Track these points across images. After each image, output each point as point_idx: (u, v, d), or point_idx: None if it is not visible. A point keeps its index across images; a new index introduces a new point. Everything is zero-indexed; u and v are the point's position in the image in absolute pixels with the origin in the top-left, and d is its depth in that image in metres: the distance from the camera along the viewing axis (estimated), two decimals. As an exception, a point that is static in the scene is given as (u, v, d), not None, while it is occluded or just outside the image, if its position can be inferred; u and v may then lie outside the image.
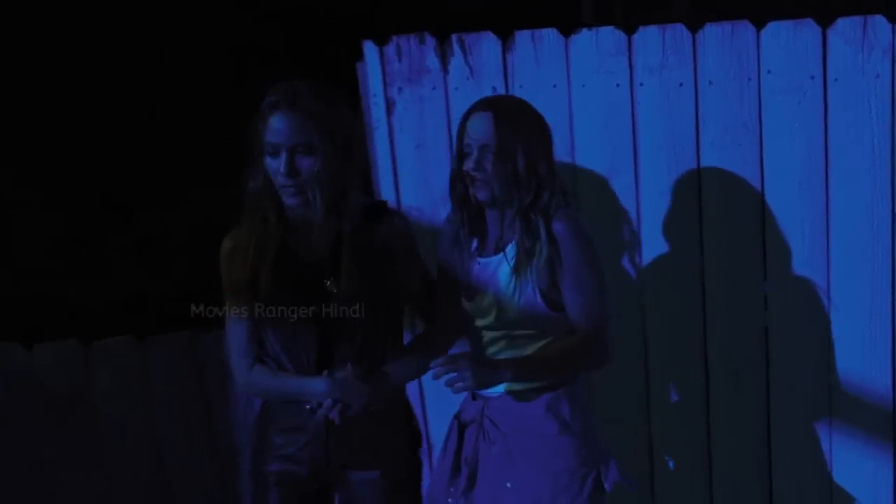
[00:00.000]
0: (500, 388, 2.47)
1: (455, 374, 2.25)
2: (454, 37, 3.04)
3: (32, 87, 10.54)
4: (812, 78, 2.93)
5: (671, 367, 3.12)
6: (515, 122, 2.40)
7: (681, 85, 3.00)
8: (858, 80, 2.91)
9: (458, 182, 2.46)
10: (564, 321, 2.44)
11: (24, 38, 10.68)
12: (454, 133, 2.80)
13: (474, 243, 2.52)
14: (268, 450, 2.60)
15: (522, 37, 3.03)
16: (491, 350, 2.50)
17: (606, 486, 2.46)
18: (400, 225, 2.60)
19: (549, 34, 3.02)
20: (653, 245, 3.08)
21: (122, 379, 3.29)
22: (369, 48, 3.06)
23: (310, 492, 2.62)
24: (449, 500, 2.58)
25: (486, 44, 3.04)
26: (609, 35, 2.99)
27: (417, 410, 2.88)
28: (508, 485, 2.47)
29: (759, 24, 2.95)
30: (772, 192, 3.00)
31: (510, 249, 2.43)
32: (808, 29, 2.92)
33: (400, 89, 3.06)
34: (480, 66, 3.04)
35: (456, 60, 3.04)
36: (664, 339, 3.11)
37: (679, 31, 2.97)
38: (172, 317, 3.49)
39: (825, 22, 2.92)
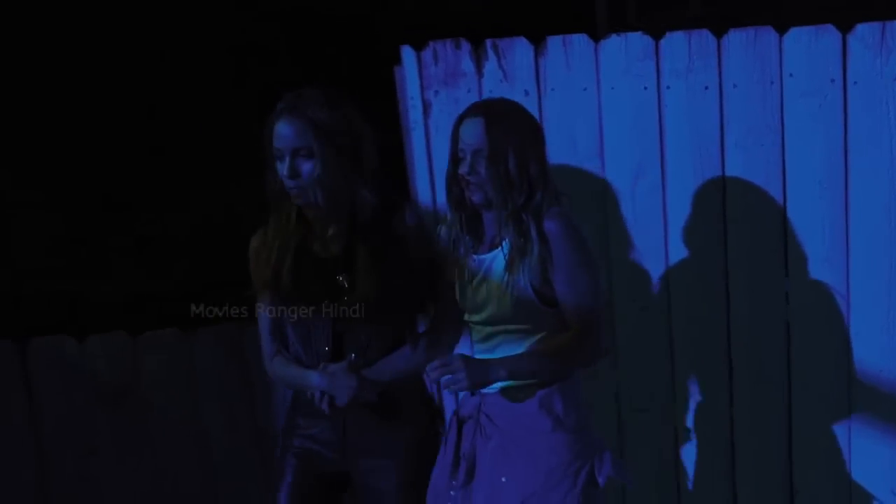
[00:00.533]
0: (496, 385, 2.52)
1: (450, 376, 2.37)
2: (489, 42, 3.14)
3: (33, 87, 10.51)
4: (832, 81, 3.04)
5: (696, 360, 3.23)
6: (506, 125, 2.46)
7: (706, 88, 3.10)
8: (877, 83, 3.02)
9: (454, 185, 2.54)
10: (558, 317, 2.49)
11: (24, 39, 10.65)
12: (487, 133, 2.92)
13: (470, 243, 2.59)
14: (294, 429, 2.77)
15: (554, 42, 3.12)
16: (487, 345, 2.56)
17: (600, 480, 2.52)
18: (412, 220, 2.71)
19: (580, 39, 3.12)
20: (679, 242, 3.17)
21: (169, 369, 3.40)
22: (407, 53, 3.16)
23: (327, 472, 2.76)
24: (451, 492, 2.64)
25: (519, 49, 3.13)
26: (637, 40, 3.10)
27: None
28: (503, 479, 2.51)
29: (782, 30, 3.06)
30: (793, 192, 3.11)
31: (504, 248, 2.50)
32: (828, 34, 3.03)
33: (436, 92, 3.16)
34: (513, 69, 3.14)
35: (490, 64, 3.14)
36: (690, 333, 3.21)
37: (704, 36, 3.08)
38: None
39: (845, 27, 3.02)
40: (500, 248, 2.51)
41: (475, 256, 2.57)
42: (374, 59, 10.94)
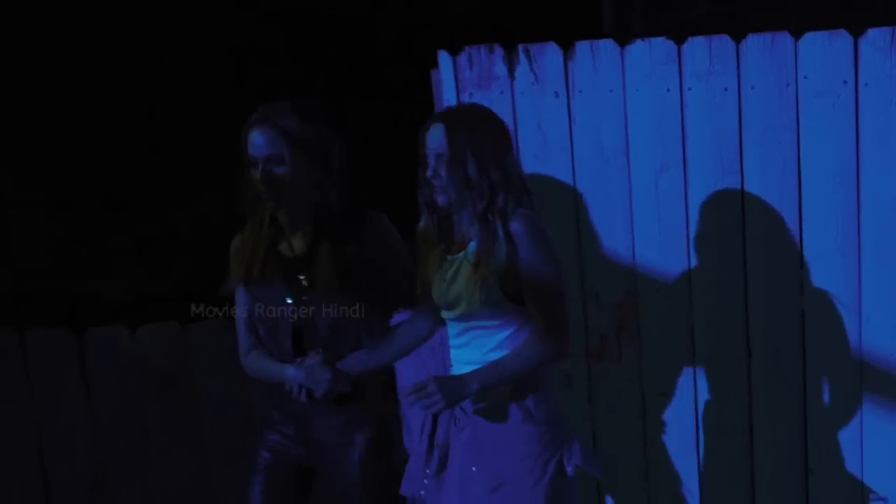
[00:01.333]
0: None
1: (426, 399, 2.52)
2: (521, 47, 3.31)
3: (33, 87, 10.51)
4: (845, 83, 3.23)
5: (716, 346, 3.40)
6: (466, 131, 2.57)
7: (725, 89, 3.28)
8: (887, 85, 3.21)
9: (424, 188, 2.65)
10: (525, 313, 2.60)
11: (24, 39, 10.65)
12: (519, 134, 3.16)
13: (442, 243, 2.71)
14: (269, 422, 3.01)
15: (582, 46, 3.30)
16: (460, 339, 2.69)
17: (568, 470, 2.61)
18: (378, 225, 2.93)
19: (606, 45, 3.29)
20: (700, 234, 3.35)
21: (218, 359, 3.56)
22: (443, 57, 3.32)
23: (297, 465, 3.00)
24: (424, 480, 2.74)
25: (550, 53, 3.31)
26: (660, 45, 3.28)
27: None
28: (474, 468, 2.62)
29: (797, 35, 3.24)
30: (808, 187, 3.29)
31: (471, 248, 2.61)
32: (841, 38, 3.22)
33: (471, 94, 3.32)
34: (544, 73, 3.31)
35: (521, 68, 3.31)
36: (710, 321, 3.39)
37: (724, 40, 3.26)
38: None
39: (857, 32, 3.21)
40: (469, 248, 2.63)
41: (447, 257, 2.68)
42: (374, 59, 11.05)
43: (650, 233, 3.35)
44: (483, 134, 2.59)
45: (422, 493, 2.75)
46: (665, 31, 3.43)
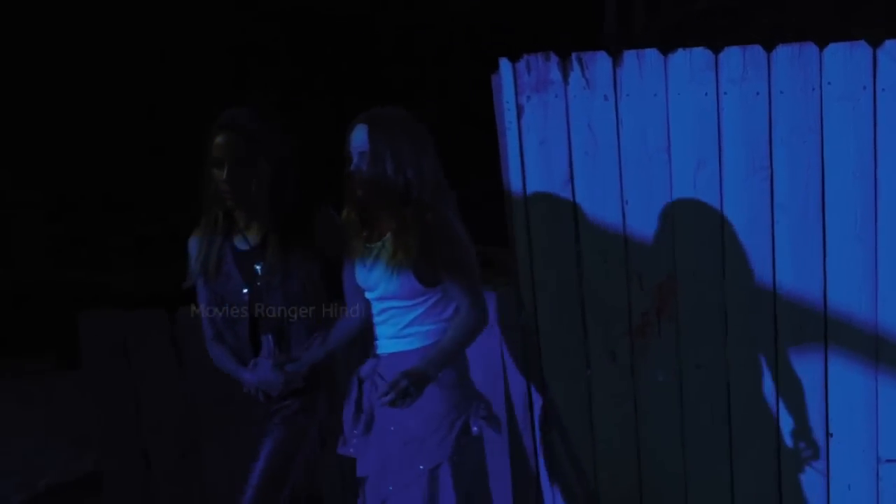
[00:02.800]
0: (389, 349, 3.01)
1: (392, 395, 2.75)
2: (574, 55, 3.67)
3: (33, 87, 10.56)
4: (864, 88, 3.59)
5: (746, 325, 3.76)
6: (386, 132, 2.84)
7: (757, 94, 3.64)
8: (902, 91, 3.59)
9: (348, 182, 2.91)
10: (436, 293, 2.93)
11: (24, 39, 10.69)
12: (572, 133, 3.53)
13: (365, 232, 3.00)
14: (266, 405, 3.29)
15: (629, 55, 3.66)
16: (381, 317, 3.01)
17: (473, 429, 2.94)
18: (328, 218, 3.23)
19: (651, 54, 3.66)
20: (733, 222, 3.71)
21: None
22: (504, 64, 3.68)
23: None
24: (354, 440, 3.05)
25: (600, 61, 3.67)
26: (700, 54, 3.65)
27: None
28: (392, 428, 2.93)
29: (822, 46, 3.62)
30: (830, 181, 3.65)
31: (388, 238, 2.92)
32: (861, 49, 3.60)
33: (528, 97, 3.69)
34: (595, 78, 3.68)
35: (574, 74, 3.68)
36: (741, 300, 3.75)
37: (757, 50, 3.64)
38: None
39: (875, 43, 3.59)
40: (387, 238, 2.93)
41: (368, 245, 2.98)
42: (375, 59, 11.28)
43: (688, 221, 3.71)
44: (402, 135, 2.87)
45: (351, 450, 3.07)
46: (667, 26, 3.73)
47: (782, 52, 3.61)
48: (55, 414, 6.41)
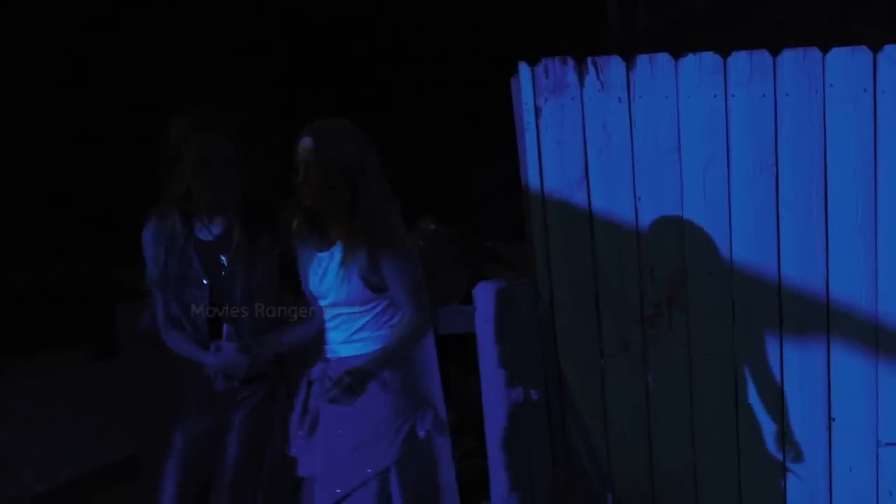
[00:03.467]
0: (339, 353, 3.08)
1: (336, 391, 2.83)
2: (589, 59, 3.85)
3: (33, 87, 10.62)
4: (865, 90, 3.77)
5: (752, 314, 3.94)
6: (331, 144, 2.94)
7: (763, 96, 3.82)
8: (901, 93, 3.78)
9: (297, 192, 2.99)
10: (384, 299, 3.02)
11: (24, 38, 10.74)
12: (587, 133, 3.70)
13: (314, 241, 3.07)
14: (188, 401, 3.36)
15: (642, 59, 3.83)
16: (332, 322, 3.09)
17: (420, 433, 3.02)
18: (288, 220, 3.18)
19: (663, 58, 3.83)
20: (740, 220, 3.89)
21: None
22: (523, 68, 3.85)
23: (206, 434, 3.28)
24: (299, 441, 3.11)
25: (614, 65, 3.85)
26: (709, 58, 3.83)
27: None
28: (339, 431, 3.00)
29: (821, 45, 3.80)
30: (833, 178, 3.82)
31: (336, 246, 3.01)
32: (861, 53, 3.78)
33: (546, 99, 3.87)
34: (609, 81, 3.86)
35: (590, 77, 3.86)
36: (748, 292, 3.93)
37: (763, 55, 3.82)
38: None
39: (875, 48, 3.77)
40: (336, 246, 3.02)
41: (318, 254, 3.06)
42: (374, 59, 11.38)
43: (698, 217, 3.90)
44: (347, 145, 2.96)
45: (293, 450, 3.13)
46: (668, 24, 3.85)
47: (787, 56, 3.79)
48: (79, 404, 6.57)
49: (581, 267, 3.92)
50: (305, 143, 2.95)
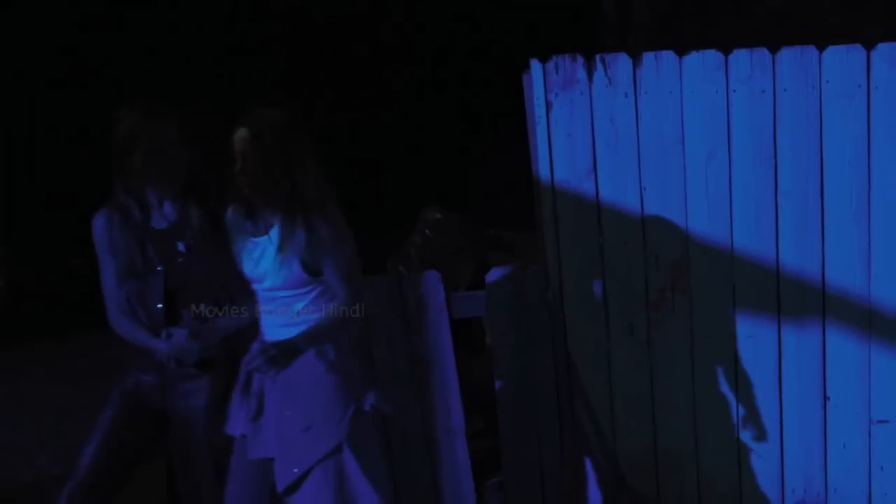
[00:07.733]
0: (277, 336, 3.06)
1: (260, 361, 2.90)
2: (597, 56, 4.04)
3: (33, 87, 10.57)
4: (859, 86, 3.96)
5: (752, 298, 4.14)
6: (267, 135, 2.96)
7: (763, 91, 4.01)
8: (893, 89, 3.96)
9: (234, 181, 3.01)
10: (321, 284, 3.05)
11: (24, 38, 10.67)
12: (595, 126, 3.88)
13: (250, 227, 3.11)
14: (130, 372, 3.40)
15: (648, 57, 4.02)
16: (268, 307, 3.11)
17: (365, 408, 3.08)
18: (212, 210, 3.28)
19: (668, 55, 4.02)
20: (741, 209, 4.07)
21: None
22: (535, 64, 4.03)
23: (150, 411, 3.37)
24: (241, 423, 3.15)
25: (621, 62, 4.03)
26: (711, 56, 4.01)
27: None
28: (288, 413, 3.02)
29: (821, 48, 4.00)
30: (829, 169, 4.01)
31: (273, 232, 3.04)
32: (856, 51, 3.97)
33: (556, 94, 4.04)
34: (616, 77, 4.04)
35: (598, 73, 4.05)
36: (748, 277, 4.12)
37: (763, 53, 4.01)
38: None
39: (869, 46, 3.96)
40: (273, 230, 3.05)
41: (254, 239, 3.09)
42: (374, 59, 11.48)
43: (700, 206, 4.08)
44: (282, 134, 2.99)
45: (238, 432, 3.16)
46: (665, 12, 3.96)
47: (786, 53, 3.98)
48: (85, 389, 6.67)
49: (589, 254, 4.10)
50: (241, 133, 2.98)
